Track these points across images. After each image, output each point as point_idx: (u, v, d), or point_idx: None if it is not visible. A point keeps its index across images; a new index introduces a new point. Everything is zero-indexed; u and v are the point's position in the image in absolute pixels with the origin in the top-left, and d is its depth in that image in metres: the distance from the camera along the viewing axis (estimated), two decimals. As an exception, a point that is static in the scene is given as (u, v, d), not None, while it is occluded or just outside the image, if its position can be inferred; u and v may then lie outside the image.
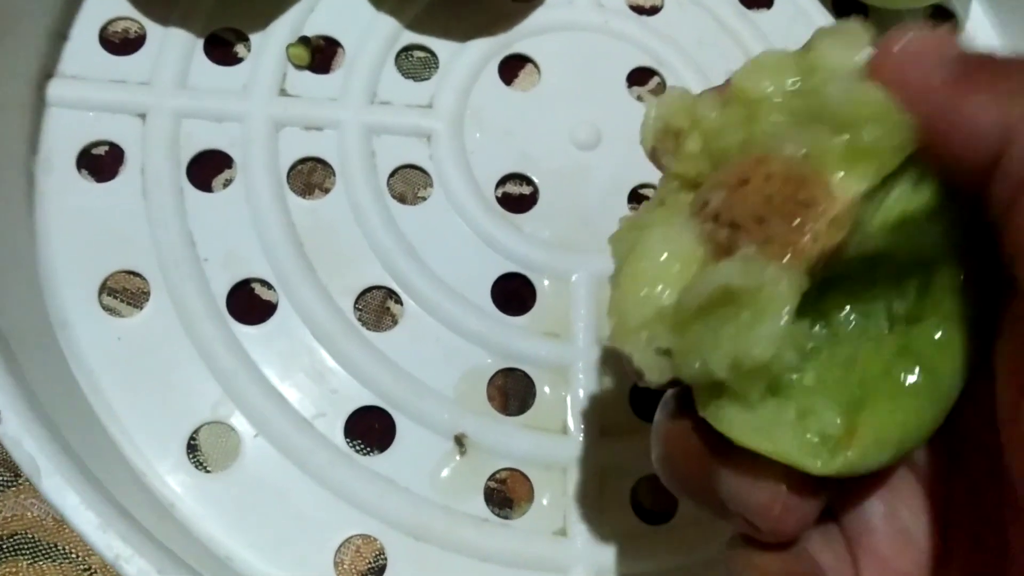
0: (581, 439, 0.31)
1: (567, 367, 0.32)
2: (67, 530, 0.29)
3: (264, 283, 0.32)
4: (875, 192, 0.16)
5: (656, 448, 0.19)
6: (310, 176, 0.33)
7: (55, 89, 0.33)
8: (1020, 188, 0.14)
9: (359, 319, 0.32)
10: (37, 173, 0.32)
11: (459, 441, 0.31)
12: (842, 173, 0.15)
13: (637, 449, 0.31)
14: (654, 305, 0.17)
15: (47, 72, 0.33)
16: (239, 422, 0.30)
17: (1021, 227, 0.14)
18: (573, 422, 0.31)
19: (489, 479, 0.30)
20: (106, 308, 0.31)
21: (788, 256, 0.15)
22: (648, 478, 0.31)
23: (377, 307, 0.32)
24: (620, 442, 0.31)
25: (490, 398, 0.31)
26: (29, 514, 0.29)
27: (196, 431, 0.30)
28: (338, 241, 0.33)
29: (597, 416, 0.31)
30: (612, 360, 0.32)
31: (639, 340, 0.17)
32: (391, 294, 0.32)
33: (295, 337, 0.31)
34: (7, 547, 0.28)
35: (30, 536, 0.29)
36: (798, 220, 0.15)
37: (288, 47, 0.35)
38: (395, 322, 0.32)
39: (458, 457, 0.31)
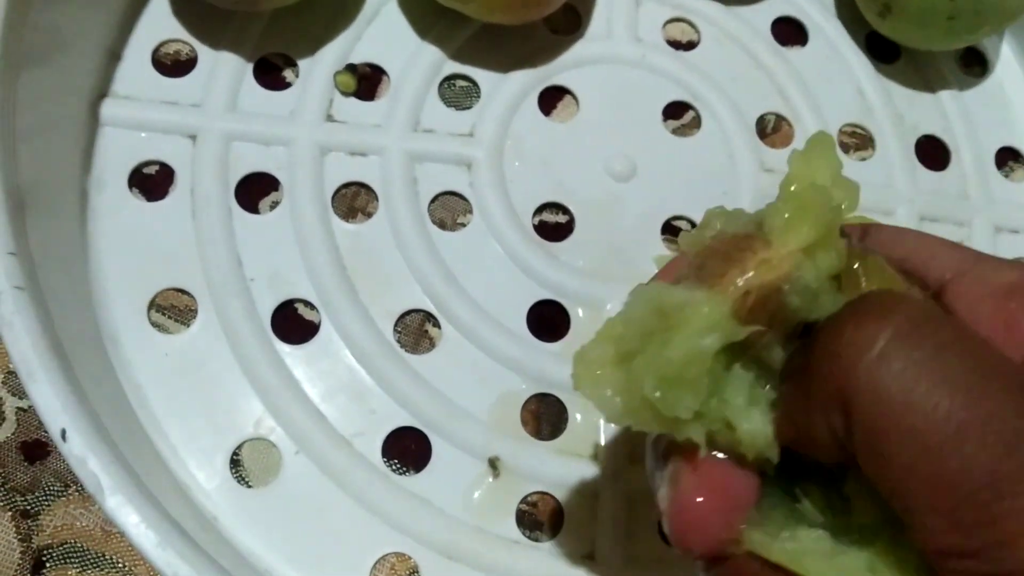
0: (611, 465, 0.32)
1: (599, 394, 0.33)
2: (114, 540, 0.30)
3: (307, 304, 0.33)
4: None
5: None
6: (354, 200, 0.34)
7: (108, 109, 0.34)
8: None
9: (398, 341, 0.33)
10: (90, 191, 0.33)
11: (492, 464, 0.31)
12: (782, 233, 0.18)
13: (666, 477, 0.32)
14: (612, 348, 0.20)
15: (101, 92, 0.34)
16: (280, 439, 0.31)
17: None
18: (603, 448, 0.32)
19: (521, 502, 0.31)
20: (154, 324, 0.32)
21: (718, 284, 0.18)
22: (676, 505, 0.32)
23: (416, 330, 0.33)
24: (649, 469, 0.32)
25: (523, 422, 0.32)
26: (78, 524, 0.30)
27: (239, 447, 0.31)
28: (379, 264, 0.33)
29: (626, 443, 0.32)
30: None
31: (595, 381, 0.20)
32: (429, 317, 0.33)
33: (336, 357, 0.32)
34: (57, 555, 0.29)
35: (79, 545, 0.30)
36: (734, 259, 0.18)
37: (335, 74, 0.36)
38: (433, 345, 0.33)
39: (491, 479, 0.31)
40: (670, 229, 0.36)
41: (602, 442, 0.32)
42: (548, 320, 0.34)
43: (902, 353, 0.15)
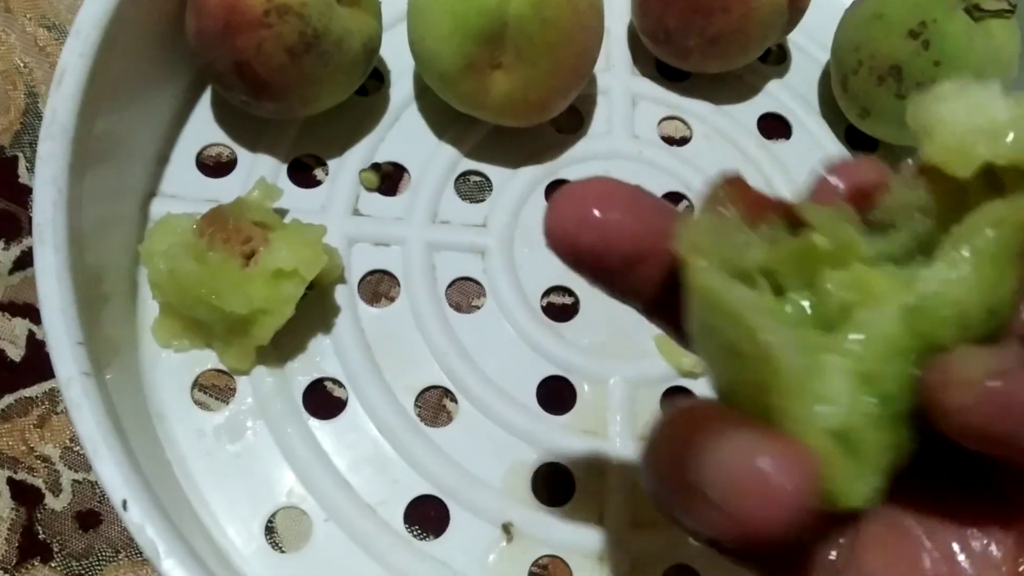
0: (615, 529, 0.34)
1: (603, 463, 0.35)
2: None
3: (336, 382, 0.36)
4: None
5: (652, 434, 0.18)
6: (378, 286, 0.38)
7: (157, 207, 0.38)
8: None
9: (418, 415, 0.36)
10: (139, 282, 0.36)
11: (506, 529, 0.34)
12: None
13: (666, 539, 0.34)
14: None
15: (151, 191, 0.38)
16: (311, 507, 0.34)
17: None
18: (608, 513, 0.35)
19: (532, 564, 0.34)
20: (197, 403, 0.35)
21: None
22: (677, 566, 0.34)
23: (435, 404, 0.36)
24: (651, 533, 0.34)
25: (534, 489, 0.35)
26: (128, 587, 0.33)
27: (273, 515, 0.33)
28: (401, 345, 0.37)
29: (630, 508, 0.35)
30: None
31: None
32: (447, 393, 0.36)
33: (362, 431, 0.35)
34: (109, 616, 0.32)
35: (129, 607, 0.32)
36: None
37: (361, 172, 0.39)
38: (450, 418, 0.36)
39: (504, 543, 0.34)
40: (667, 309, 0.39)
41: (606, 508, 0.35)
42: (556, 394, 0.37)
43: None
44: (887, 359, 0.17)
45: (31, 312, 0.36)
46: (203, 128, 0.40)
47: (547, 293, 0.39)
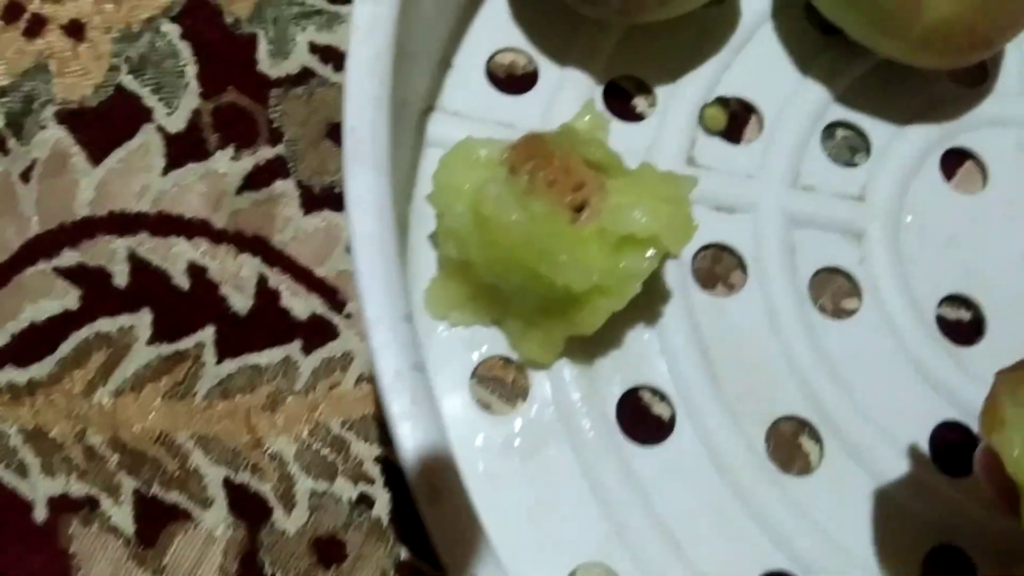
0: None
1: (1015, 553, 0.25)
2: None
3: (658, 393, 0.26)
4: None
5: None
6: (715, 265, 0.28)
7: (434, 126, 0.28)
8: None
9: (770, 455, 0.26)
10: (411, 221, 0.27)
11: (887, 631, 0.24)
12: None
13: None
14: None
15: (428, 105, 0.28)
16: (628, 570, 0.24)
17: None
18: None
19: None
20: (476, 400, 0.25)
21: None
22: None
23: (790, 442, 0.26)
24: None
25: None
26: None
27: (576, 572, 0.24)
28: (748, 352, 0.27)
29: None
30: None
31: None
32: (807, 427, 0.26)
33: (693, 468, 0.25)
34: None
35: None
36: None
37: (704, 107, 0.29)
38: (811, 465, 0.26)
39: (882, 650, 0.24)
40: (1111, 345, 0.28)
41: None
42: (956, 448, 0.26)
43: None
44: None
45: (264, 249, 0.27)
46: (496, 28, 0.30)
47: (941, 302, 0.28)
